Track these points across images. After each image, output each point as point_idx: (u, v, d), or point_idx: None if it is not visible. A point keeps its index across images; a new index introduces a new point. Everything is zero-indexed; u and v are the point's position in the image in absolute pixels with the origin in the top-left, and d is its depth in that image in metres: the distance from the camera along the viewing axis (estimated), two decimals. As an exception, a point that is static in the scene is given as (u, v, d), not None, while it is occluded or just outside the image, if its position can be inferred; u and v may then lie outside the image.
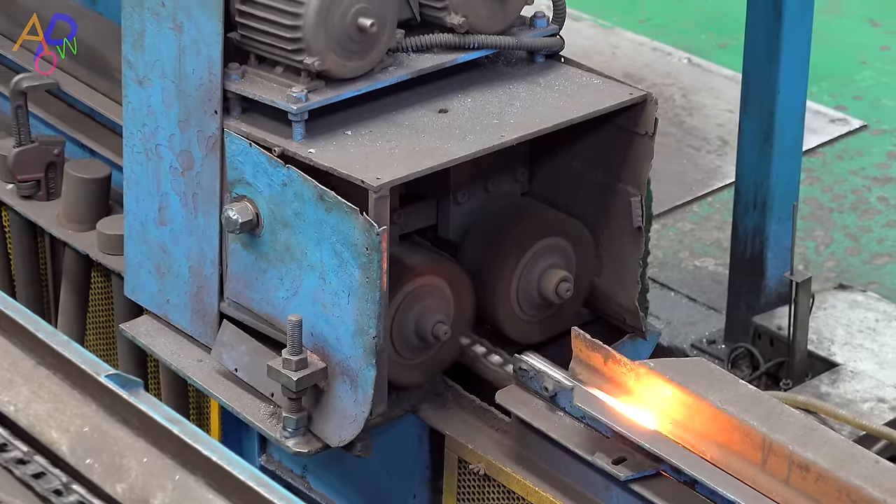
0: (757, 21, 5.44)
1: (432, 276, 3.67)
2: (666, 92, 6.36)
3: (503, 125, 3.59)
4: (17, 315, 2.85)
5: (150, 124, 3.72)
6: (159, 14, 3.60)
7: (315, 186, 3.40)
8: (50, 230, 4.25)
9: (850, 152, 6.73)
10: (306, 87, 3.50)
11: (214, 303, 3.70)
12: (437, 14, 3.65)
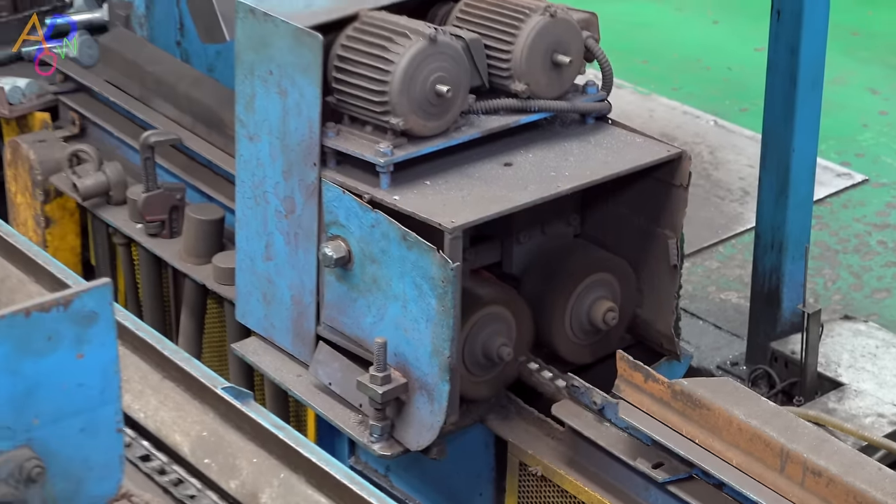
0: (775, 89, 5.43)
1: (497, 305, 3.66)
2: (695, 149, 6.34)
3: (559, 177, 3.58)
4: (147, 335, 2.86)
5: (258, 174, 3.72)
6: (267, 81, 3.61)
7: (399, 228, 3.40)
8: (173, 263, 4.25)
9: (853, 202, 6.71)
10: (392, 143, 3.50)
11: (312, 327, 3.70)
12: (504, 82, 3.66)
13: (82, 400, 2.26)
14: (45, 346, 2.22)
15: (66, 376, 2.24)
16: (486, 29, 3.66)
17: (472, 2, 3.73)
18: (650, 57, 7.72)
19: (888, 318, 5.90)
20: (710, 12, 8.39)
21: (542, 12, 3.65)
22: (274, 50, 3.58)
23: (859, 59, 7.82)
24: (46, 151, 4.63)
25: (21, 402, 2.21)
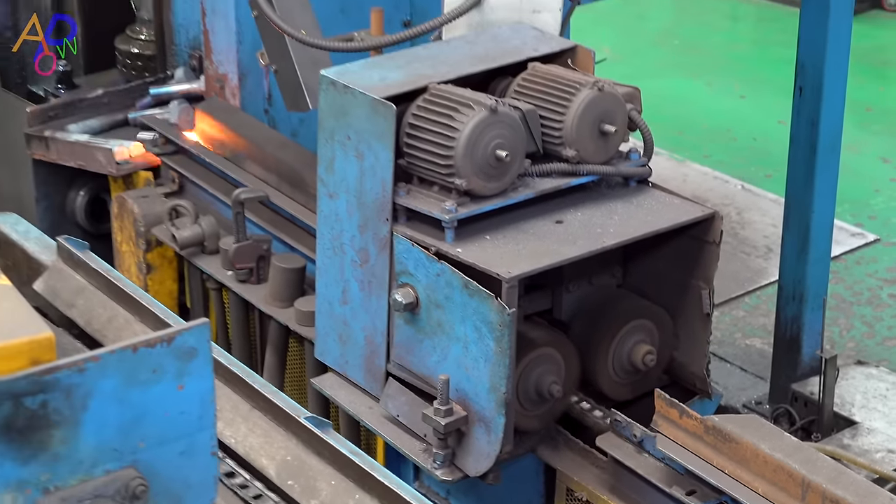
0: (796, 158, 5.42)
1: (548, 347, 3.65)
2: (724, 210, 6.33)
3: (604, 234, 3.58)
4: (237, 370, 2.88)
5: (337, 228, 3.74)
6: (346, 145, 3.63)
7: (461, 277, 3.40)
8: (259, 307, 4.26)
9: (866, 259, 6.69)
10: (456, 202, 3.51)
11: (382, 364, 3.70)
12: (556, 148, 3.66)
13: (182, 426, 2.27)
14: (150, 377, 2.23)
15: (169, 405, 2.25)
16: (541, 101, 3.67)
17: (528, 76, 3.74)
18: (684, 128, 7.73)
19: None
20: (738, 87, 8.39)
21: (591, 87, 3.65)
22: (352, 118, 3.60)
23: (872, 131, 7.80)
24: (149, 206, 4.66)
25: (128, 427, 2.22)
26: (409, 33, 4.09)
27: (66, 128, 5.07)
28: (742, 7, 9.51)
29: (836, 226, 5.60)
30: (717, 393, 3.90)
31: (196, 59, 4.97)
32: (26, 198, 5.20)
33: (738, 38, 9.19)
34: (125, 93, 5.15)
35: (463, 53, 3.83)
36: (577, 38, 4.01)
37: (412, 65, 3.74)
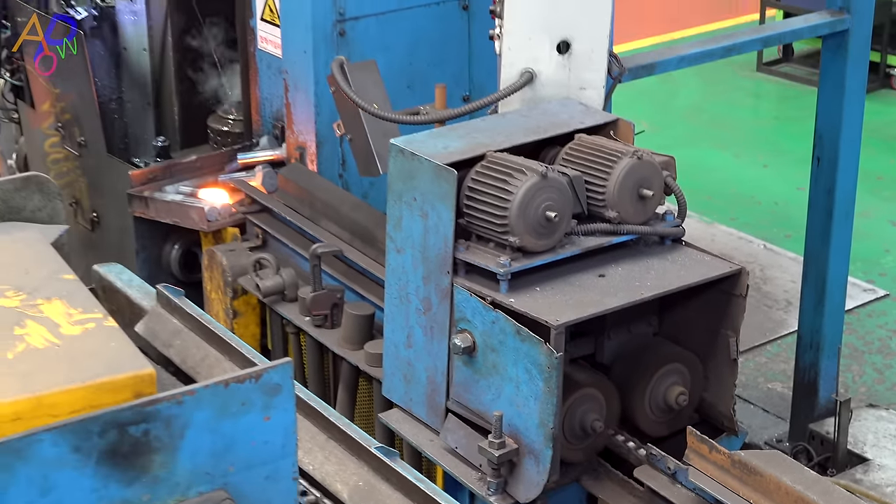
0: (814, 220, 5.41)
1: (591, 388, 3.65)
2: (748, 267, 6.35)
3: (642, 287, 3.57)
4: (315, 404, 2.88)
5: (403, 279, 3.75)
6: (412, 206, 3.65)
7: (514, 324, 3.40)
8: (333, 349, 4.27)
9: (877, 312, 6.67)
10: (510, 257, 3.52)
11: (443, 401, 3.71)
12: (599, 210, 3.67)
13: (267, 453, 2.28)
14: (240, 410, 2.24)
15: (255, 434, 2.26)
16: (586, 168, 3.68)
17: (575, 146, 3.75)
18: (713, 193, 7.72)
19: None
20: (761, 157, 8.38)
21: (631, 155, 3.66)
22: (418, 181, 3.61)
23: (882, 197, 7.78)
24: (236, 258, 4.69)
25: (220, 454, 2.23)
26: (468, 107, 4.11)
27: (163, 189, 5.12)
28: (764, 86, 9.50)
29: (849, 282, 5.60)
30: (742, 431, 3.87)
31: (279, 128, 5.01)
32: (128, 250, 5.24)
33: (761, 114, 9.18)
34: (216, 158, 5.19)
35: (517, 125, 3.85)
36: (618, 111, 4.02)
37: (472, 135, 3.76)
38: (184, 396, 2.20)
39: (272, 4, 4.86)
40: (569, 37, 3.99)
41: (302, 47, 4.76)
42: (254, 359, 2.74)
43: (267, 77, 5.01)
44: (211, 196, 4.95)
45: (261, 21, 4.95)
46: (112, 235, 5.48)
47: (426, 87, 4.73)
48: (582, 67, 4.01)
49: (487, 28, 4.28)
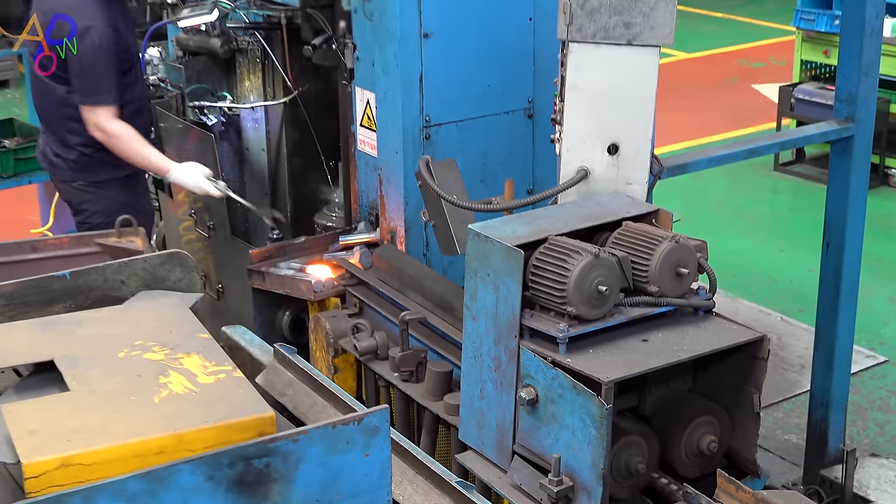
0: (824, 297, 5.37)
1: (635, 435, 3.64)
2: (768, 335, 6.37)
3: (679, 350, 3.57)
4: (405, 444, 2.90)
5: (477, 342, 3.76)
6: (486, 280, 3.67)
7: (571, 380, 3.40)
8: (418, 400, 4.27)
9: (878, 376, 6.61)
10: (567, 324, 3.52)
11: (510, 445, 3.70)
12: (643, 285, 3.67)
13: (366, 484, 2.31)
14: (345, 447, 2.27)
15: (357, 468, 2.29)
16: (632, 250, 3.69)
17: (622, 231, 3.77)
18: (737, 273, 7.69)
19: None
20: (778, 243, 8.34)
21: (670, 240, 3.67)
22: (491, 260, 3.64)
23: (882, 278, 7.71)
24: (337, 323, 4.71)
25: (327, 484, 2.26)
26: (533, 199, 4.14)
27: (277, 265, 5.15)
28: (781, 183, 9.48)
29: (854, 349, 5.55)
30: (764, 474, 3.83)
31: (374, 215, 5.04)
32: (247, 316, 5.28)
33: (777, 207, 9.15)
34: (321, 240, 5.23)
35: (574, 214, 3.87)
36: (658, 203, 4.03)
37: (536, 221, 3.79)
38: (299, 435, 2.24)
39: (370, 113, 4.92)
40: (617, 141, 4.02)
41: (394, 148, 4.80)
42: (354, 406, 2.76)
43: (364, 173, 5.06)
44: (317, 271, 4.98)
45: (360, 127, 5.01)
46: (235, 303, 5.54)
47: (497, 181, 4.77)
48: (628, 166, 4.04)
49: (549, 133, 4.32)
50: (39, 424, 2.48)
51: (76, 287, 3.19)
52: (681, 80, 11.63)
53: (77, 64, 5.09)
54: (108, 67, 5.12)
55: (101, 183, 5.41)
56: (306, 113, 5.54)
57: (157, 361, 2.71)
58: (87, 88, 5.11)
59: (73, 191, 5.44)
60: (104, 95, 5.13)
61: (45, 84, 5.28)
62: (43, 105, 5.40)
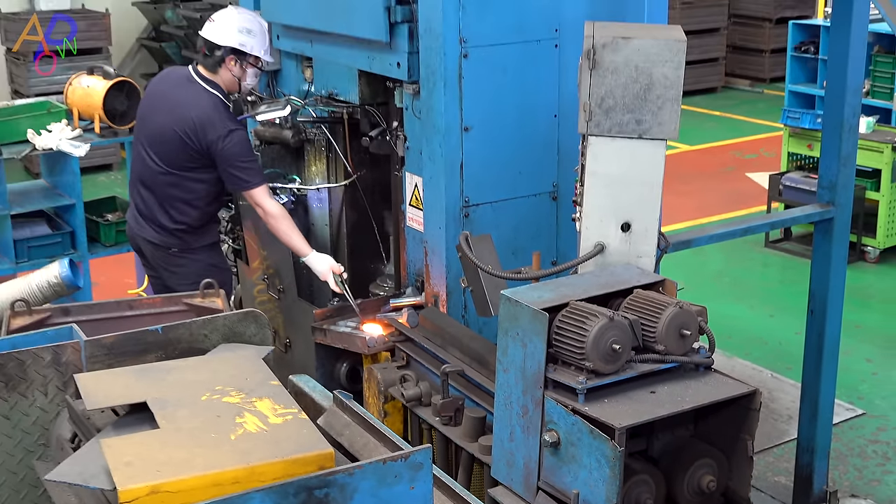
0: (809, 357, 5.33)
1: (644, 474, 3.59)
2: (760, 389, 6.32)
3: (683, 401, 3.53)
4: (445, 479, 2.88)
5: (507, 392, 3.74)
6: (516, 338, 3.66)
7: (588, 426, 3.38)
8: (456, 441, 4.24)
9: (856, 426, 6.51)
10: (586, 377, 3.51)
11: (535, 482, 3.66)
12: (651, 344, 3.65)
13: (412, 513, 2.30)
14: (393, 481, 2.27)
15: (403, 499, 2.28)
16: (642, 314, 3.68)
17: (633, 298, 3.75)
18: (733, 335, 7.63)
19: (880, 498, 5.72)
20: (769, 310, 8.28)
21: (675, 305, 3.65)
22: (520, 321, 3.63)
23: (860, 339, 7.63)
24: (387, 374, 4.71)
25: (378, 512, 2.25)
26: (556, 269, 4.15)
27: (337, 323, 5.17)
28: (771, 258, 9.43)
29: (836, 403, 5.49)
30: (756, 511, 3.80)
31: (420, 282, 5.05)
32: (310, 367, 5.29)
33: (768, 278, 9.09)
34: (375, 303, 5.24)
35: (591, 282, 3.86)
36: (664, 273, 4.02)
37: (559, 288, 3.78)
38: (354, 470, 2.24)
39: (418, 194, 4.95)
40: (630, 220, 4.02)
41: (438, 224, 4.83)
42: (402, 445, 2.76)
43: (412, 246, 5.08)
44: (371, 329, 4.99)
45: (409, 206, 5.04)
46: (300, 355, 5.54)
47: (526, 254, 4.78)
48: (639, 242, 4.04)
49: (570, 213, 4.33)
50: (133, 457, 2.50)
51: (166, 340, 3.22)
52: (684, 168, 11.64)
53: (232, 161, 5.25)
54: (253, 156, 5.34)
55: (195, 249, 5.53)
56: (363, 194, 5.59)
57: (234, 404, 2.72)
58: (245, 177, 5.26)
59: (168, 256, 5.53)
60: (258, 179, 5.29)
61: (159, 171, 5.40)
62: (153, 188, 5.48)
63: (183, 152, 5.33)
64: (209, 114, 5.27)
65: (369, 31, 4.89)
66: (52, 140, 6.39)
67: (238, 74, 5.38)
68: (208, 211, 5.55)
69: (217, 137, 5.23)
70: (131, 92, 6.56)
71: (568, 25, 4.82)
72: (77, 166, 6.36)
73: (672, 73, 3.91)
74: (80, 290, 4.66)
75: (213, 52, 5.33)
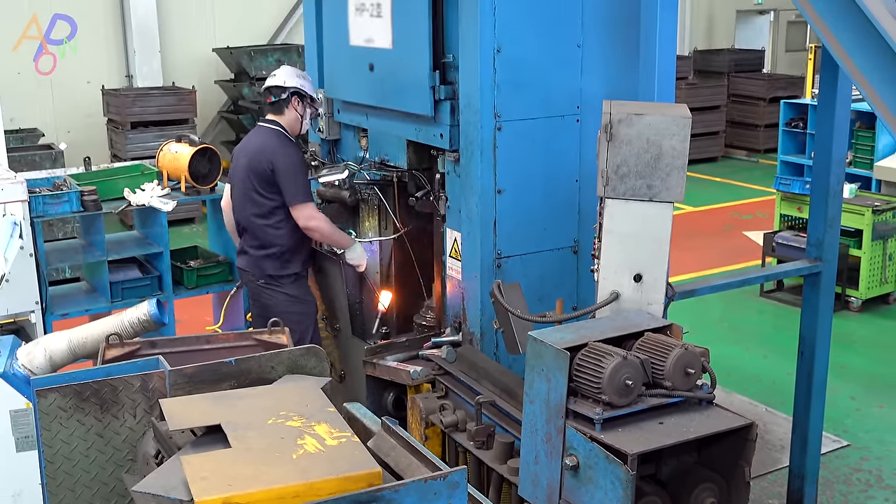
0: (799, 393, 5.25)
1: (653, 496, 3.53)
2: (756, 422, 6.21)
3: (687, 431, 3.47)
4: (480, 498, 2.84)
5: (533, 420, 3.70)
6: (541, 374, 3.63)
7: (604, 451, 3.33)
8: (487, 463, 4.21)
9: (842, 457, 6.37)
10: (602, 409, 3.47)
11: (557, 500, 3.61)
12: (660, 381, 3.60)
13: (449, 526, 2.27)
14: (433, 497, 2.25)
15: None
16: (651, 354, 3.64)
17: (644, 340, 3.71)
18: (732, 374, 7.53)
19: (863, 520, 5.57)
20: (763, 351, 8.16)
21: (681, 347, 3.61)
22: (545, 358, 3.61)
23: (844, 379, 7.49)
24: (428, 403, 4.69)
25: (420, 525, 2.22)
26: (577, 314, 4.11)
27: (385, 358, 5.16)
28: (766, 307, 9.32)
29: (823, 435, 5.38)
30: (753, 530, 3.71)
31: (457, 323, 5.04)
32: (361, 395, 5.28)
33: (763, 324, 8.98)
34: (418, 340, 5.24)
35: (607, 326, 3.83)
36: (672, 319, 3.99)
37: (579, 331, 3.75)
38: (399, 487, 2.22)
39: (457, 247, 4.96)
40: (641, 272, 4.00)
41: (474, 274, 4.83)
42: (441, 466, 2.74)
43: (451, 292, 5.08)
44: (385, 298, 4.96)
45: (449, 257, 5.05)
46: (353, 386, 5.54)
47: (550, 300, 4.77)
48: (649, 291, 4.01)
49: (589, 265, 4.32)
50: (208, 472, 2.50)
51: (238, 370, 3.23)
52: (689, 227, 11.58)
53: (283, 175, 5.37)
54: (302, 176, 5.40)
55: (280, 280, 5.55)
56: (410, 246, 5.60)
57: (296, 427, 2.72)
58: (293, 191, 5.40)
59: (258, 288, 5.60)
60: (302, 196, 5.37)
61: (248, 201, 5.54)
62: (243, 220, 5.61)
63: (263, 180, 5.45)
64: (276, 141, 5.49)
65: (417, 107, 4.94)
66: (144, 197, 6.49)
67: (301, 113, 5.59)
68: (289, 238, 5.53)
69: (279, 156, 5.42)
70: (213, 157, 6.65)
71: (588, 103, 4.85)
72: (165, 220, 6.44)
73: (679, 145, 3.91)
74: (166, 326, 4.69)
75: (279, 96, 5.54)
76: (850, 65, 3.86)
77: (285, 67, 5.68)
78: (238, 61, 12.71)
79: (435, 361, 4.87)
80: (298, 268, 5.60)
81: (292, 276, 5.58)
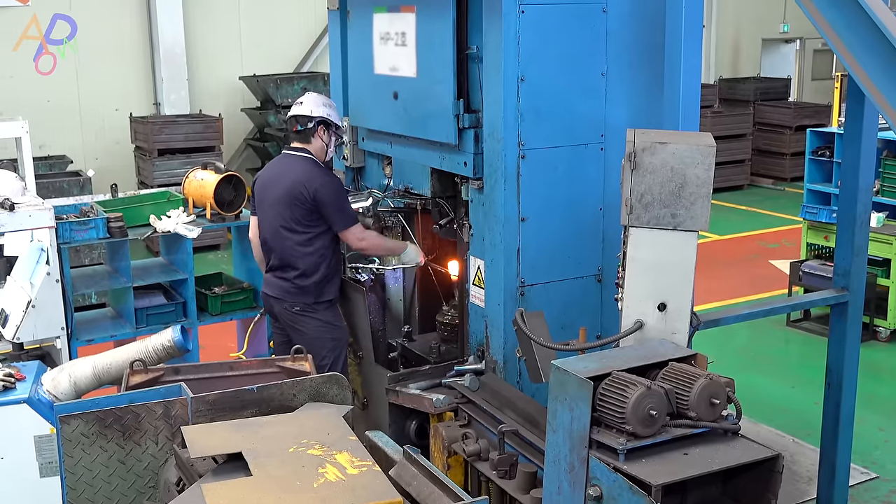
0: (827, 424, 5.18)
1: (678, 528, 3.51)
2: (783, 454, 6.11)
3: (713, 462, 3.43)
4: (500, 528, 2.82)
5: (556, 450, 3.66)
6: (564, 402, 3.59)
7: (628, 482, 3.30)
8: (510, 493, 4.17)
9: (870, 488, 6.27)
10: (626, 439, 3.44)
11: (580, 531, 3.59)
12: (684, 411, 3.56)
13: (470, 557, 2.25)
14: (454, 527, 2.23)
15: (463, 544, 2.23)
16: (676, 383, 3.61)
17: (669, 370, 3.68)
18: (758, 404, 7.44)
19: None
20: (790, 381, 8.08)
21: (705, 377, 3.58)
22: (568, 387, 3.58)
23: (872, 410, 7.39)
24: (450, 431, 4.67)
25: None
26: (600, 342, 4.10)
27: (407, 385, 5.15)
28: (792, 336, 9.23)
29: (851, 467, 5.30)
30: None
31: (480, 351, 5.03)
32: (384, 424, 5.26)
33: (789, 354, 8.89)
34: (440, 369, 5.22)
35: (631, 355, 3.80)
36: (697, 348, 3.95)
37: (602, 360, 3.73)
38: (420, 517, 2.20)
39: (480, 275, 4.96)
40: (665, 301, 3.98)
41: (497, 301, 4.82)
42: (462, 496, 2.72)
43: (474, 319, 5.07)
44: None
45: (472, 285, 5.04)
46: (375, 414, 5.53)
47: (573, 329, 4.74)
48: (674, 320, 3.99)
49: (613, 293, 4.30)
50: (229, 500, 2.49)
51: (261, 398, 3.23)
52: (714, 255, 11.52)
53: (328, 204, 5.37)
54: (345, 202, 5.43)
55: (315, 307, 5.52)
56: (433, 273, 5.60)
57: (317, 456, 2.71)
58: (339, 218, 5.40)
59: (293, 315, 5.53)
60: (348, 221, 5.40)
61: (280, 229, 5.50)
62: (276, 248, 5.57)
63: (304, 210, 5.40)
64: (310, 169, 5.45)
65: (441, 135, 4.95)
66: (170, 224, 6.54)
67: (327, 142, 5.55)
68: (328, 267, 5.52)
69: (320, 186, 5.37)
70: (238, 184, 6.71)
71: (612, 131, 4.84)
72: (190, 246, 6.49)
73: (703, 174, 3.89)
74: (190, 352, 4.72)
75: (306, 125, 5.50)
76: (877, 94, 3.84)
77: (311, 95, 5.64)
78: (264, 89, 12.83)
79: (458, 390, 4.85)
80: (333, 294, 5.59)
81: (326, 303, 5.56)
